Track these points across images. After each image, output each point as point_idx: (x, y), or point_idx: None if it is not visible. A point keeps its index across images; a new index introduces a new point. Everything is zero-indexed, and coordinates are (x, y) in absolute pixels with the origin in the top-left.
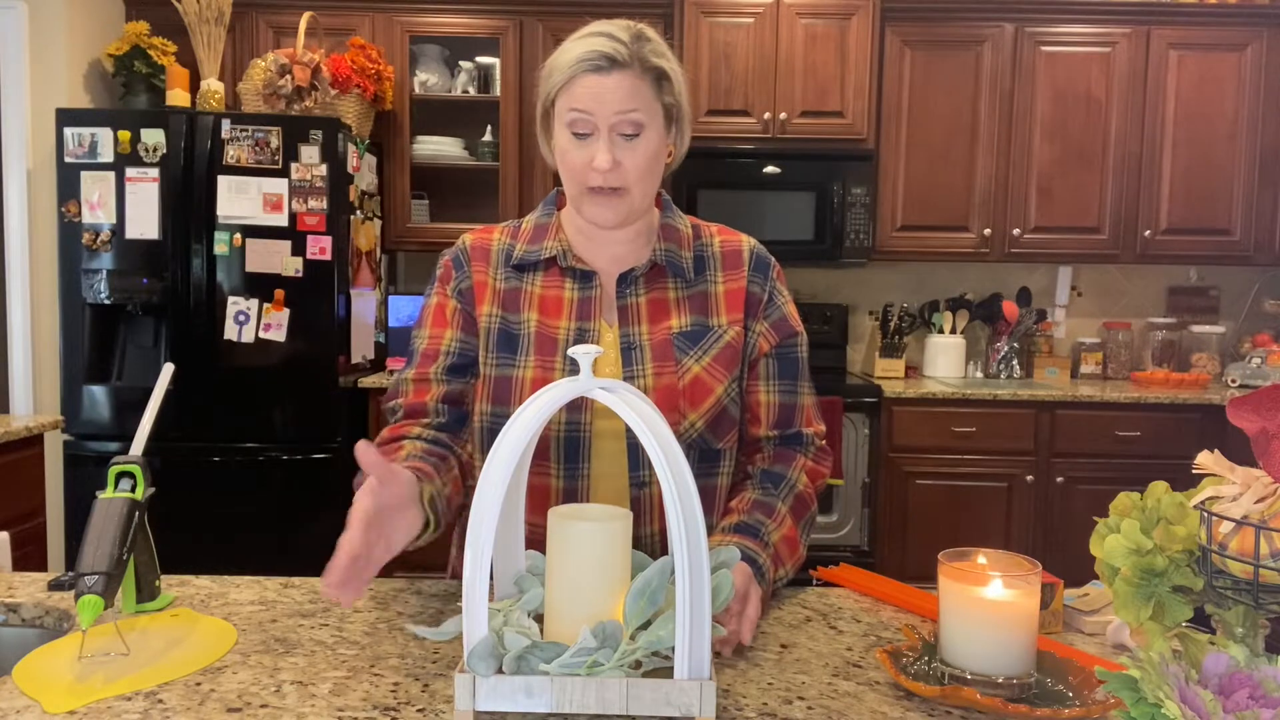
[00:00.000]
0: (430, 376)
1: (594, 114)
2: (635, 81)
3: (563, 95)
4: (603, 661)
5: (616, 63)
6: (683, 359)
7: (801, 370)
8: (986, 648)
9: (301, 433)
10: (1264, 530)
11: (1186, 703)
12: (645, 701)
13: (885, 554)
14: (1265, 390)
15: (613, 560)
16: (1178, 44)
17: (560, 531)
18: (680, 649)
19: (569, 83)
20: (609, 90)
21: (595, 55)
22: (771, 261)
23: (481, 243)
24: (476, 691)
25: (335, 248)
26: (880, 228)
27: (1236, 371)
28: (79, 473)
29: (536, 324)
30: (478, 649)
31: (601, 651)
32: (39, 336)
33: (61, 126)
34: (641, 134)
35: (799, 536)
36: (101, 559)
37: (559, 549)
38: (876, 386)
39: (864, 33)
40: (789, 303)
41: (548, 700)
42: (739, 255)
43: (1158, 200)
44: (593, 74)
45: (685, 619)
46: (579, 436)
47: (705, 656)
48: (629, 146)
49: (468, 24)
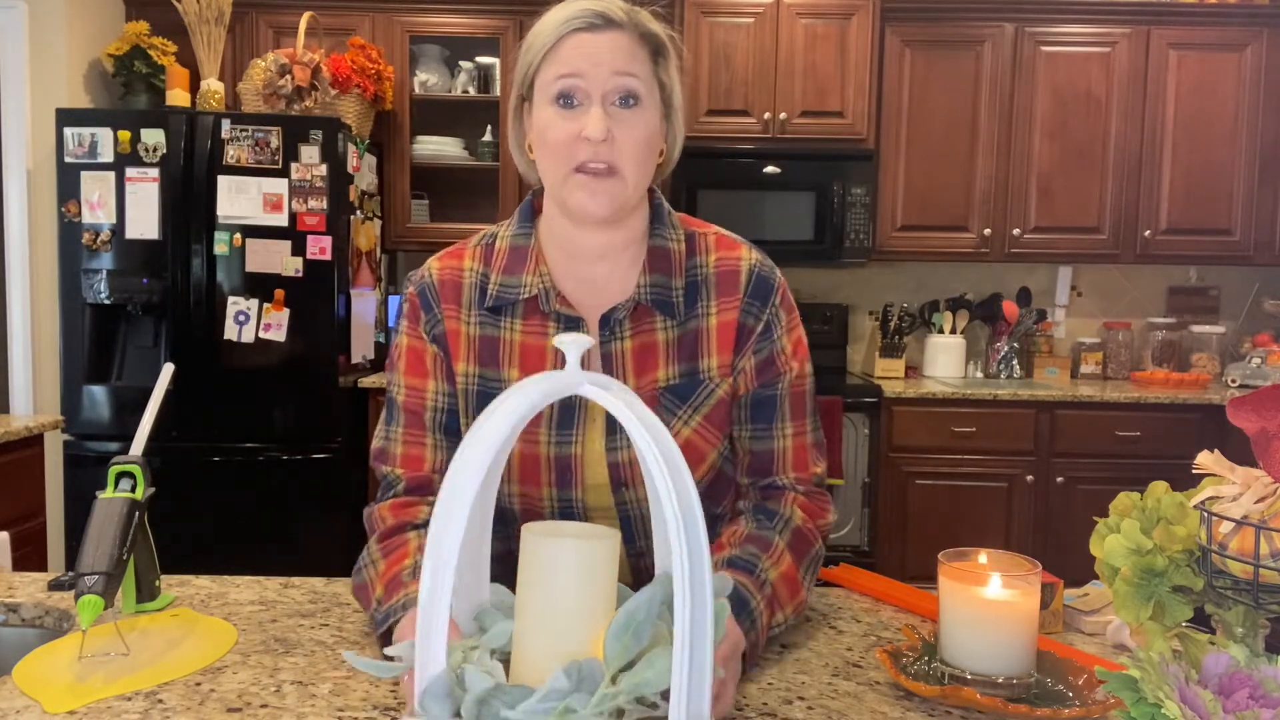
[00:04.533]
0: (424, 440)
1: (584, 75)
2: (632, 45)
3: (547, 64)
4: (577, 708)
5: (612, 22)
6: (671, 420)
7: (781, 410)
8: (986, 648)
9: (301, 433)
10: (1264, 530)
11: (1186, 703)
12: None
13: (885, 554)
14: (1265, 390)
15: (595, 588)
16: (1178, 44)
17: (534, 550)
18: (677, 694)
19: (555, 46)
20: (604, 49)
21: (587, 13)
22: (775, 282)
23: (451, 276)
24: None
25: (335, 248)
26: (880, 228)
27: (1236, 371)
28: (79, 473)
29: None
30: (432, 689)
31: (576, 696)
32: (39, 336)
33: (61, 126)
34: (639, 105)
35: (800, 577)
36: (101, 559)
37: (531, 572)
38: (876, 386)
39: (864, 33)
40: (788, 333)
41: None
42: (735, 278)
43: (1158, 200)
44: (585, 32)
45: (684, 657)
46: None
47: (705, 703)
48: (624, 118)
49: (468, 24)
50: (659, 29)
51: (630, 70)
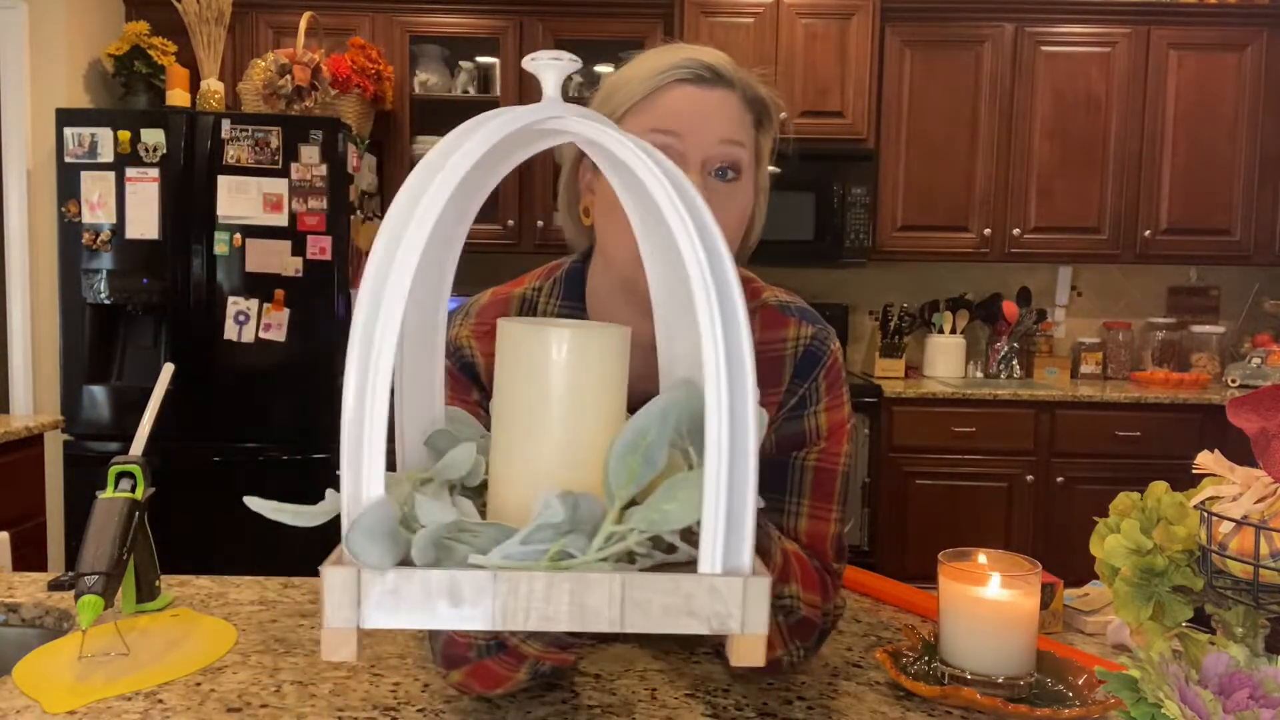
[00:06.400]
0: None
1: (684, 136)
2: (740, 109)
3: (635, 116)
4: (574, 552)
5: (721, 78)
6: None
7: (800, 482)
8: (986, 648)
9: (301, 433)
10: (1264, 530)
11: (1186, 703)
12: (652, 611)
13: (885, 554)
14: (1265, 390)
15: (598, 397)
16: (1178, 44)
17: (513, 347)
18: (710, 532)
19: (650, 96)
20: (711, 108)
21: (694, 63)
22: (823, 355)
23: (487, 361)
24: (363, 595)
25: (335, 248)
26: (880, 228)
27: (1236, 371)
28: (79, 473)
29: None
30: (364, 521)
31: (571, 538)
32: (39, 336)
33: (61, 126)
34: (739, 179)
35: (817, 578)
36: (101, 559)
37: (510, 376)
38: (876, 386)
39: (864, 33)
40: (829, 410)
41: (486, 611)
42: (778, 366)
43: (1158, 200)
44: (690, 85)
45: (719, 481)
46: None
47: (746, 548)
48: (722, 192)
49: (468, 24)
50: (767, 94)
51: (738, 138)
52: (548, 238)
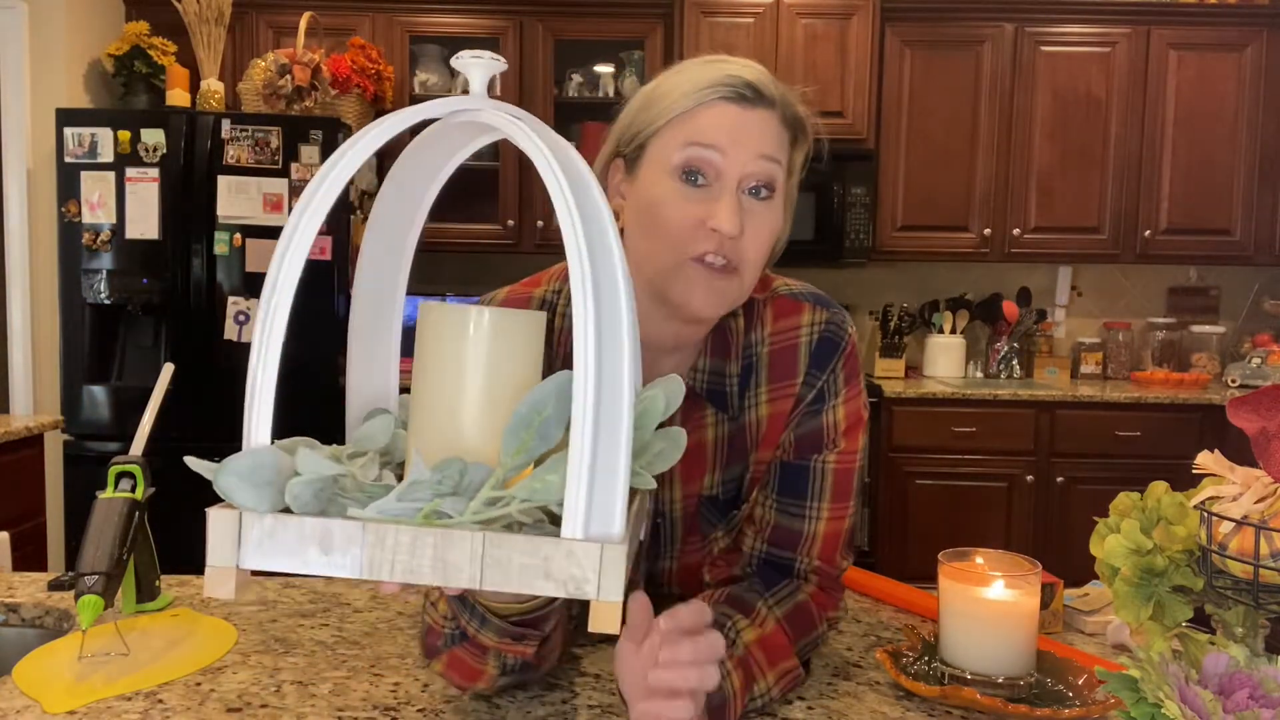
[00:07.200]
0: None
1: (724, 152)
2: (779, 127)
3: (674, 128)
4: (449, 511)
5: (763, 98)
6: (709, 532)
7: (820, 487)
8: (986, 648)
9: (301, 433)
10: (1264, 530)
11: (1186, 703)
12: (511, 570)
13: (885, 554)
14: (1265, 390)
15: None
16: (1178, 44)
17: (431, 324)
18: (574, 489)
19: (691, 112)
20: (752, 127)
21: (737, 81)
22: (840, 342)
23: None
24: (243, 537)
25: (335, 248)
26: (880, 228)
27: (1236, 371)
28: (79, 473)
29: None
30: (235, 464)
31: (451, 500)
32: (39, 336)
33: (61, 126)
34: (772, 197)
35: (791, 645)
36: (101, 559)
37: (427, 352)
38: (876, 386)
39: (864, 33)
40: (846, 402)
41: (355, 559)
42: (793, 356)
43: (1158, 200)
44: (732, 103)
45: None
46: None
47: (617, 507)
48: (756, 210)
49: (468, 24)
50: (804, 113)
51: (775, 156)
52: (548, 238)
